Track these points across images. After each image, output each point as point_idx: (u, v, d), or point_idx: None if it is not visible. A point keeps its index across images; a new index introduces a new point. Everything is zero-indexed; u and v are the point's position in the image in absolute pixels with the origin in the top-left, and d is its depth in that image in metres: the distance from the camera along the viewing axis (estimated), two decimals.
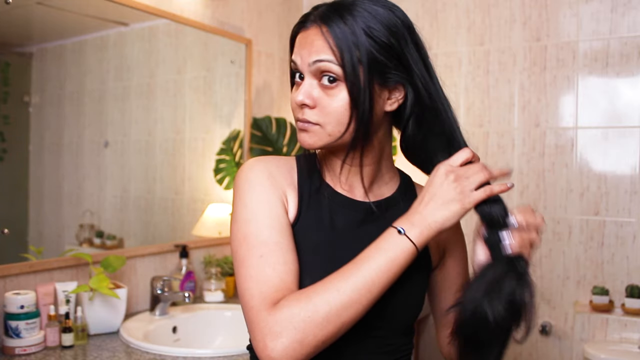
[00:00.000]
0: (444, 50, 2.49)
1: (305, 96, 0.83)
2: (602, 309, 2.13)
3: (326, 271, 0.78)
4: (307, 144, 0.85)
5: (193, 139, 2.21)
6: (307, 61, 0.83)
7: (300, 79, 0.86)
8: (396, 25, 0.82)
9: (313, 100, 0.83)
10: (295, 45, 0.87)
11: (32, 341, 1.45)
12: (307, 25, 0.85)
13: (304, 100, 0.83)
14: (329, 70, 0.81)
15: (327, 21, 0.82)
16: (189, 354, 1.47)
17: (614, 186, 2.20)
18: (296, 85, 0.87)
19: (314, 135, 0.84)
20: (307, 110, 0.84)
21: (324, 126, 0.83)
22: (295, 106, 0.86)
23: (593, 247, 2.23)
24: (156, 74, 2.05)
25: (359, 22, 0.81)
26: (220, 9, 2.25)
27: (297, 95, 0.83)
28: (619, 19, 2.18)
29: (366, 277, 0.75)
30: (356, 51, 0.80)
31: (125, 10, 1.84)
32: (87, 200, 1.85)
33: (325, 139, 0.84)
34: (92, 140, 1.86)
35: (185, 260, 2.02)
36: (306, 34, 0.84)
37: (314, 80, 0.83)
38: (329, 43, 0.81)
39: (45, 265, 1.60)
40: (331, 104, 0.82)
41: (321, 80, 0.83)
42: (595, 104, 2.23)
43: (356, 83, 0.80)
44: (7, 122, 1.58)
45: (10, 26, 1.58)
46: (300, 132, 0.85)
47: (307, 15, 0.86)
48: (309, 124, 0.84)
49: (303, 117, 0.84)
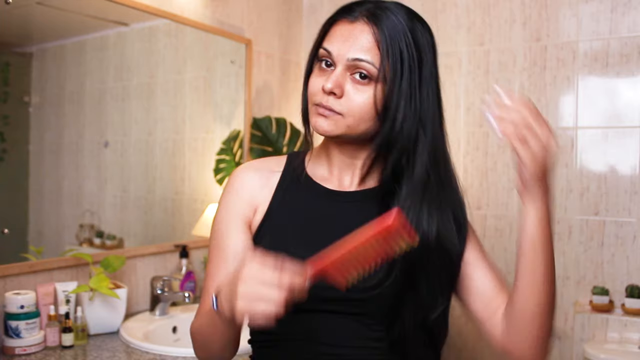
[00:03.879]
0: (444, 50, 2.49)
1: (335, 85, 0.84)
2: (602, 309, 2.13)
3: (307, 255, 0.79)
4: (322, 129, 0.87)
5: (193, 139, 2.21)
6: (347, 55, 0.84)
7: (327, 66, 0.87)
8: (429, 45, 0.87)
9: (342, 90, 0.84)
10: (332, 35, 0.87)
11: (32, 341, 1.45)
12: (354, 19, 0.85)
13: (333, 88, 0.84)
14: (366, 69, 0.83)
15: (378, 23, 0.83)
16: (189, 354, 1.47)
17: (614, 186, 2.20)
18: (320, 71, 0.88)
19: (332, 124, 0.86)
20: (332, 99, 0.85)
21: (345, 117, 0.85)
22: (316, 90, 0.87)
23: (593, 247, 2.23)
24: (156, 74, 2.05)
25: (402, 31, 0.83)
26: (220, 9, 2.25)
27: (327, 82, 0.84)
28: (619, 19, 2.18)
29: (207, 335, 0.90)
30: (398, 60, 0.83)
31: (125, 10, 1.84)
32: (87, 200, 1.85)
33: (342, 129, 0.86)
34: (92, 140, 1.86)
35: (185, 260, 2.02)
36: (352, 28, 0.85)
37: (346, 72, 0.85)
38: (377, 45, 0.82)
39: (45, 265, 1.60)
40: (358, 98, 0.84)
41: (353, 74, 0.84)
42: (595, 104, 2.23)
43: (389, 88, 0.84)
44: (7, 122, 1.58)
45: (10, 26, 1.58)
46: (318, 116, 0.87)
47: (352, 8, 0.87)
48: (332, 112, 0.85)
49: (327, 104, 0.85)
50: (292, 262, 0.74)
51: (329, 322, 0.89)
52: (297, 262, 0.77)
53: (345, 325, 0.89)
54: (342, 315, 0.89)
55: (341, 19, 0.87)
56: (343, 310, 0.89)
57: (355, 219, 0.83)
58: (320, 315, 0.89)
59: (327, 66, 0.86)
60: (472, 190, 2.41)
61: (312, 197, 0.94)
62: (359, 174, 0.94)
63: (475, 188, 2.40)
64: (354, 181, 0.95)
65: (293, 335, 0.91)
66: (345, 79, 0.85)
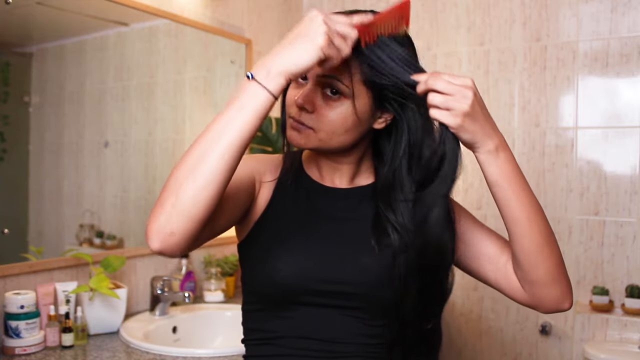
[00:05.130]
0: (444, 50, 2.49)
1: (306, 101, 0.85)
2: (602, 309, 2.13)
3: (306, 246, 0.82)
4: (296, 142, 0.88)
5: (193, 139, 2.20)
6: (316, 72, 0.84)
7: (302, 79, 0.87)
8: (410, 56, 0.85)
9: (313, 106, 0.85)
10: None
11: (32, 341, 1.45)
12: None
13: (304, 104, 0.85)
14: (336, 86, 0.84)
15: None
16: (188, 354, 1.47)
17: (614, 186, 2.20)
18: (296, 83, 0.88)
19: (304, 137, 0.87)
20: (304, 114, 0.86)
21: (317, 132, 0.86)
22: (291, 103, 0.88)
23: (593, 247, 2.23)
24: (156, 74, 2.05)
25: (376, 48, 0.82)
26: (220, 9, 2.25)
27: (298, 97, 0.85)
28: (619, 19, 2.18)
29: (216, 126, 0.75)
30: (368, 76, 0.83)
31: (125, 10, 1.84)
32: (87, 200, 1.85)
33: (315, 142, 0.88)
34: (92, 140, 1.86)
35: (185, 260, 2.02)
36: None
37: (317, 87, 0.85)
38: (344, 63, 0.81)
39: (45, 265, 1.60)
40: (330, 114, 0.85)
41: (324, 89, 0.85)
42: (595, 104, 2.23)
43: (359, 105, 0.84)
44: (7, 122, 1.58)
45: (10, 26, 1.58)
46: (292, 130, 0.88)
47: None
48: (303, 126, 0.86)
49: (298, 119, 0.86)
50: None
51: (323, 318, 0.89)
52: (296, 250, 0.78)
53: (340, 321, 0.90)
54: (336, 309, 0.89)
55: None
56: (337, 304, 0.89)
57: (352, 213, 0.83)
58: (314, 310, 0.89)
59: (302, 79, 0.87)
60: (472, 190, 2.41)
61: (310, 192, 0.96)
62: (347, 175, 0.96)
63: (475, 188, 2.40)
64: (345, 180, 0.97)
65: (287, 332, 0.91)
66: (316, 94, 0.85)
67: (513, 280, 0.92)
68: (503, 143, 0.83)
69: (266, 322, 0.92)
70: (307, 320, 0.90)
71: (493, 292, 2.40)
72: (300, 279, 0.88)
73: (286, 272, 0.88)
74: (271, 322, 0.92)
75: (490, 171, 0.83)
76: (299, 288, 0.88)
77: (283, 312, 0.91)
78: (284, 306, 0.90)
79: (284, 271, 0.88)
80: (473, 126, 0.79)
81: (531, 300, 0.91)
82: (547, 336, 2.30)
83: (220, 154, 0.74)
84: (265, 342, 0.93)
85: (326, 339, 0.89)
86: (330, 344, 0.89)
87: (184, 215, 0.73)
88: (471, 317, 2.46)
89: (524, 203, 0.85)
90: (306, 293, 0.89)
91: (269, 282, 0.89)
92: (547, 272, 0.87)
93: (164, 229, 0.73)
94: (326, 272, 0.88)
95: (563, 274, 0.89)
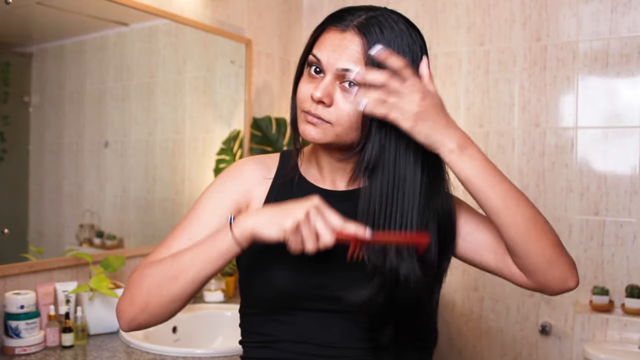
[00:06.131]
0: (444, 50, 2.49)
1: (324, 94, 0.83)
2: (602, 309, 2.13)
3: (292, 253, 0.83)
4: (311, 137, 0.86)
5: (193, 139, 2.21)
6: (336, 65, 0.83)
7: (316, 73, 0.86)
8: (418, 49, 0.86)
9: (331, 99, 0.84)
10: (322, 42, 0.86)
11: (32, 341, 1.45)
12: (344, 28, 0.84)
13: (322, 97, 0.83)
14: (355, 79, 0.82)
15: (368, 35, 0.83)
16: (188, 354, 1.47)
17: (614, 186, 2.20)
18: (310, 77, 0.87)
19: (321, 132, 0.86)
20: (321, 107, 0.84)
21: (334, 125, 0.85)
22: (305, 97, 0.86)
23: (593, 247, 2.23)
24: (156, 74, 2.05)
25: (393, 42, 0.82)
26: (220, 9, 2.25)
27: (316, 91, 0.83)
28: (619, 19, 2.18)
29: (186, 261, 0.84)
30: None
31: (125, 10, 1.84)
32: (87, 200, 1.85)
33: (331, 137, 0.86)
34: (92, 140, 1.86)
35: None
36: (342, 37, 0.84)
37: (335, 80, 0.84)
38: (365, 58, 0.81)
39: (45, 265, 1.60)
40: (347, 107, 0.84)
41: (342, 82, 0.84)
42: (595, 104, 2.23)
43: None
44: (7, 122, 1.58)
45: (10, 26, 1.58)
46: (307, 124, 0.86)
47: (343, 17, 0.86)
48: (320, 120, 0.85)
49: (315, 113, 0.85)
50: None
51: (321, 322, 0.89)
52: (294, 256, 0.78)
53: (337, 325, 0.90)
54: (334, 314, 0.89)
55: (332, 27, 0.86)
56: (335, 309, 0.89)
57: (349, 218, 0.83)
58: (313, 314, 0.89)
59: (316, 73, 0.86)
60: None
61: (305, 196, 0.94)
62: (349, 175, 0.94)
63: None
64: (345, 181, 0.95)
65: (285, 335, 0.91)
66: (334, 88, 0.84)
67: (514, 267, 0.91)
68: (466, 140, 0.83)
69: (264, 325, 0.93)
70: (305, 325, 0.90)
71: (493, 292, 2.40)
72: (299, 285, 0.88)
73: (284, 278, 0.88)
74: (269, 325, 0.92)
75: (458, 170, 0.83)
76: (297, 294, 0.88)
77: (281, 316, 0.91)
78: (282, 311, 0.90)
79: (282, 278, 0.88)
80: (426, 127, 0.79)
81: (536, 285, 0.91)
82: (547, 336, 2.30)
83: (190, 280, 0.83)
84: (264, 345, 0.93)
85: (324, 343, 0.90)
86: (328, 348, 0.90)
87: (154, 316, 0.86)
88: (471, 317, 2.46)
89: (499, 194, 0.83)
90: (305, 298, 0.89)
91: (267, 289, 0.89)
92: (542, 256, 0.86)
93: (133, 322, 0.87)
94: (323, 278, 0.88)
95: (559, 253, 0.88)
